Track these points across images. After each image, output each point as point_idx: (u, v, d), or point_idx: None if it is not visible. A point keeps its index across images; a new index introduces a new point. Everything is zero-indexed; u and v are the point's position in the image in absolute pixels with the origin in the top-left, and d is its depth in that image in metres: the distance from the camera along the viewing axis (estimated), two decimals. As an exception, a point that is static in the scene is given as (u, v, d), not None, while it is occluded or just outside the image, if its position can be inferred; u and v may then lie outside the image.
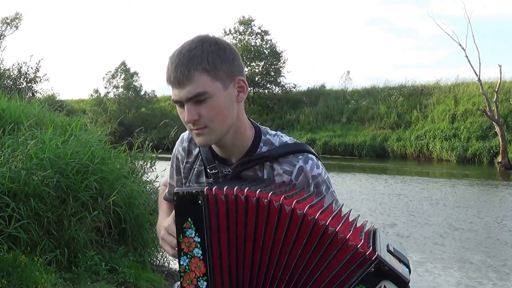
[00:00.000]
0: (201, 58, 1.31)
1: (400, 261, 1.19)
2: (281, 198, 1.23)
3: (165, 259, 5.79)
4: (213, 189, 1.27)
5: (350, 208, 1.37)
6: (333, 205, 1.34)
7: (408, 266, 1.20)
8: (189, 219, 1.29)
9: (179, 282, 1.55)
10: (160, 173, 5.93)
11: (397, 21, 68.32)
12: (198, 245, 1.29)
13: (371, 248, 1.17)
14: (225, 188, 1.27)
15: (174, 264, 5.51)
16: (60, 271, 4.21)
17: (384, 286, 1.15)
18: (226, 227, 1.28)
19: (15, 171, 4.20)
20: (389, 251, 1.20)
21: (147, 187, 6.02)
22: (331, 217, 1.20)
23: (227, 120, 1.37)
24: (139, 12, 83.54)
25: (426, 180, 17.19)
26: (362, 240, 1.18)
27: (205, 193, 1.27)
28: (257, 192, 1.24)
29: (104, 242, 4.88)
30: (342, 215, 1.30)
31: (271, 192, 1.25)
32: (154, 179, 6.22)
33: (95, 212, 4.60)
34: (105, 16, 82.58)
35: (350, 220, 1.30)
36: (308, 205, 1.22)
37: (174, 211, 1.33)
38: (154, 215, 5.67)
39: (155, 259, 5.69)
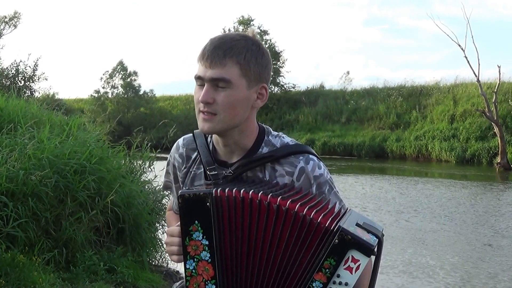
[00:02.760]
0: (240, 51, 1.35)
1: (369, 232, 1.23)
2: (269, 197, 1.25)
3: (164, 259, 5.77)
4: (219, 190, 1.26)
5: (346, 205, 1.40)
6: (323, 200, 1.36)
7: (378, 237, 1.23)
8: (196, 222, 1.26)
9: (177, 283, 1.54)
10: (159, 173, 5.91)
11: (397, 22, 68.29)
12: (206, 248, 1.27)
13: (335, 223, 1.22)
14: (227, 190, 1.26)
15: (173, 264, 5.49)
16: (58, 271, 4.20)
17: (352, 256, 1.19)
18: (228, 229, 1.27)
19: (13, 171, 4.19)
20: (357, 224, 1.24)
21: (146, 187, 6.00)
22: (308, 207, 1.24)
23: (236, 117, 1.38)
24: (138, 12, 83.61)
25: (432, 181, 17.11)
26: (330, 220, 1.23)
27: (213, 194, 1.25)
28: (266, 195, 1.24)
29: (103, 242, 4.87)
30: (328, 207, 1.32)
31: (271, 193, 1.25)
32: (152, 178, 6.21)
33: (93, 212, 4.59)
34: (104, 15, 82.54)
35: (336, 210, 1.33)
36: (290, 200, 1.25)
37: (179, 214, 1.30)
38: (153, 215, 5.66)
39: (153, 259, 5.68)
